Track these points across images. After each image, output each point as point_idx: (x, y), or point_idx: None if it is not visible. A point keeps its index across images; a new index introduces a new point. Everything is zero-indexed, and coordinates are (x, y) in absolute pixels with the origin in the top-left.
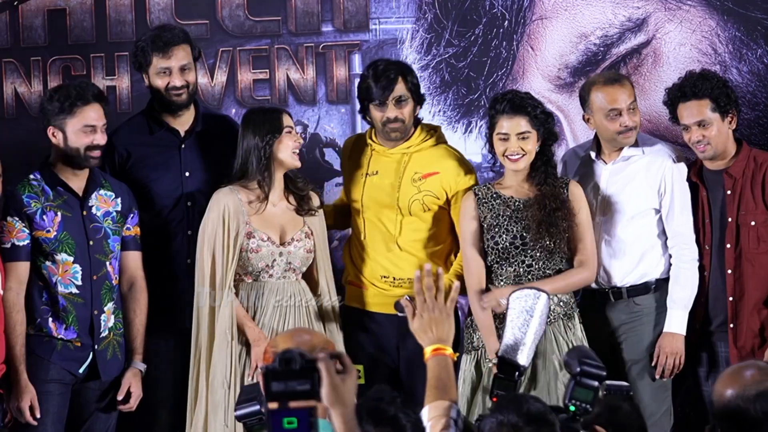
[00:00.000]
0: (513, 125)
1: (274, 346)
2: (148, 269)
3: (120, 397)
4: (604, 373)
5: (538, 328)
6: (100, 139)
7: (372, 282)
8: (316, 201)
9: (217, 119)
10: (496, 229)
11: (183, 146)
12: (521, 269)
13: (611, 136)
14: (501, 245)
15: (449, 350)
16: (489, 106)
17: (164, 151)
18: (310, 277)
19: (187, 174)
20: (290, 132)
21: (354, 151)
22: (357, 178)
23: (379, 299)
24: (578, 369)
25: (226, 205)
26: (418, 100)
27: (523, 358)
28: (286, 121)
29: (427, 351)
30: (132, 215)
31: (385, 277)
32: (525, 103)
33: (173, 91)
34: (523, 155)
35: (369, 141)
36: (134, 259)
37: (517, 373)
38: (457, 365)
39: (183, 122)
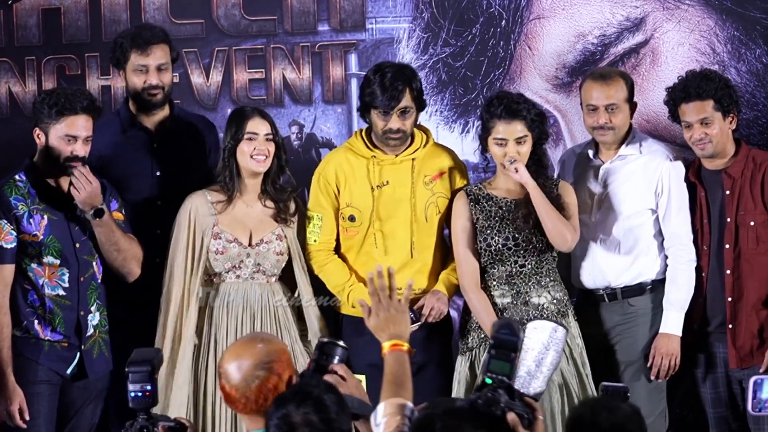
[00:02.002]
0: (510, 130)
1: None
2: None
3: None
4: (516, 339)
5: (553, 360)
6: (80, 150)
7: None
8: (292, 207)
9: (191, 119)
10: (489, 231)
11: (155, 145)
12: (514, 269)
13: (589, 130)
14: (494, 247)
15: (406, 346)
16: (483, 109)
17: (136, 150)
18: (289, 279)
19: (158, 173)
20: (251, 138)
21: (344, 169)
22: (363, 194)
23: None
24: (491, 341)
25: (193, 207)
26: (421, 106)
27: (536, 389)
28: (251, 126)
29: (386, 346)
30: (112, 201)
31: (398, 289)
32: (521, 108)
33: (150, 90)
34: (520, 158)
35: (369, 153)
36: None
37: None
38: (451, 369)
39: (156, 121)
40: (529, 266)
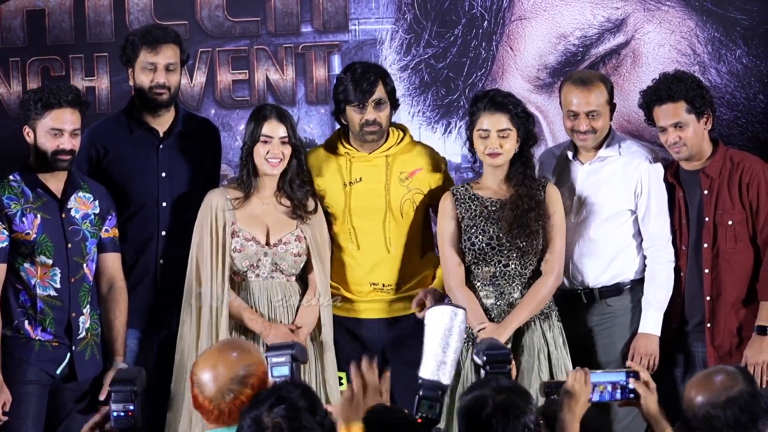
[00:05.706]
0: (494, 122)
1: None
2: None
3: (102, 398)
4: (508, 351)
5: (458, 345)
6: (67, 143)
7: (359, 290)
8: (311, 205)
9: (197, 121)
10: (473, 230)
11: (161, 147)
12: (497, 269)
13: (569, 132)
14: (477, 246)
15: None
16: (470, 104)
17: (142, 150)
18: (306, 278)
19: (163, 174)
20: (266, 141)
21: (318, 165)
22: (335, 189)
23: (367, 306)
24: (483, 358)
25: (213, 205)
26: (394, 104)
27: (446, 377)
28: (266, 129)
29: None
30: (110, 217)
31: (374, 284)
32: (506, 101)
33: (156, 89)
34: (502, 153)
35: (343, 149)
36: (113, 260)
37: (440, 391)
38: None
39: (162, 122)
40: (513, 267)
